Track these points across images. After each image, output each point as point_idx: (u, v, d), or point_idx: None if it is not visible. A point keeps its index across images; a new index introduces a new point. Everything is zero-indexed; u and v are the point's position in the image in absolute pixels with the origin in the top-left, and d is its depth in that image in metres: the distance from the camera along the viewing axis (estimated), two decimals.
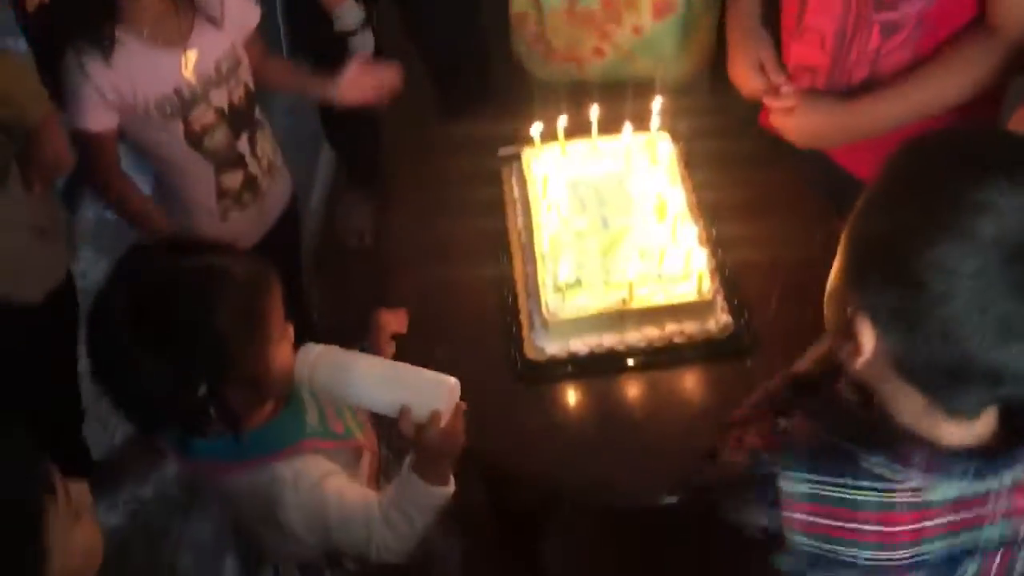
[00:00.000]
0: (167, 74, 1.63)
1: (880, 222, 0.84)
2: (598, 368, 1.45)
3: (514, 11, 1.96)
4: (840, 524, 0.90)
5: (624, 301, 1.45)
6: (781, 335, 1.42)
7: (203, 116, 1.69)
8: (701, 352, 1.46)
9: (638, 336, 1.46)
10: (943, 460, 0.87)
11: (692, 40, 1.91)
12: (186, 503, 2.14)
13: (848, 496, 0.89)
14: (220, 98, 1.70)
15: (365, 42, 1.95)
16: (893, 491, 0.88)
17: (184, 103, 1.66)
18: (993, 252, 0.76)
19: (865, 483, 0.88)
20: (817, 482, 0.90)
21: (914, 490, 0.88)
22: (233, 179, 1.79)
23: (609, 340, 1.45)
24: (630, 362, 1.45)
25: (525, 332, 1.49)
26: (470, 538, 1.64)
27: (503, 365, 1.47)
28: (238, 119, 1.75)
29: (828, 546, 0.92)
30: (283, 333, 1.19)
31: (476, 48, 2.38)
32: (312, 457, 1.24)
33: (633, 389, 1.46)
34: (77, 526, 0.89)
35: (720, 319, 1.47)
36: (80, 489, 0.91)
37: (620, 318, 1.45)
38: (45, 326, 1.75)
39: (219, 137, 1.73)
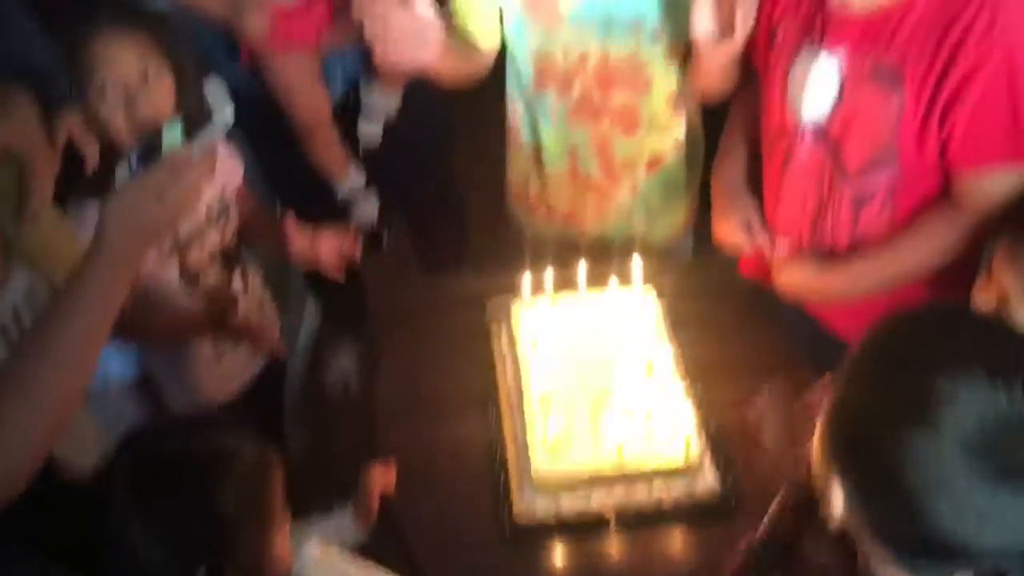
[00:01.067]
0: None
1: (854, 397, 0.90)
2: (586, 530, 1.45)
3: (513, 176, 2.04)
4: None
5: (613, 463, 1.46)
6: (768, 497, 1.43)
7: (197, 255, 1.72)
8: (687, 514, 1.46)
9: (625, 495, 1.46)
10: None
11: (680, 195, 1.99)
12: None
13: None
14: (212, 240, 1.74)
15: (368, 208, 2.04)
16: None
17: (179, 243, 1.69)
18: (954, 441, 0.81)
19: None
20: None
21: None
22: (228, 314, 1.80)
23: (597, 498, 1.46)
24: (616, 525, 1.45)
25: (514, 489, 1.48)
26: None
27: (490, 521, 1.46)
28: (230, 259, 1.79)
29: None
30: (283, 519, 1.19)
31: (454, 207, 2.45)
32: None
33: (619, 549, 1.45)
34: None
35: (707, 481, 1.48)
36: None
37: (609, 478, 1.46)
38: None
39: (212, 279, 1.76)
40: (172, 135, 1.38)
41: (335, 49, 2.05)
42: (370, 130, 2.14)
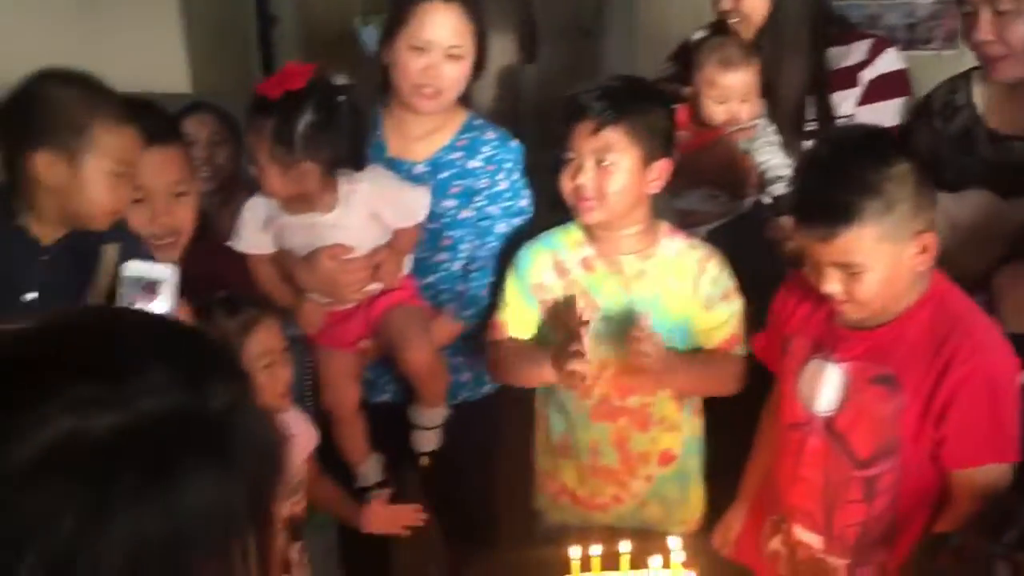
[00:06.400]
0: None
1: None
2: None
3: (541, 468, 2.22)
4: None
5: None
6: None
7: None
8: None
9: None
10: None
11: (691, 487, 2.18)
12: None
13: None
14: (284, 510, 1.88)
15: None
16: None
17: None
18: None
19: None
20: None
21: None
22: None
23: None
24: None
25: None
26: None
27: None
28: (295, 529, 1.93)
29: None
30: None
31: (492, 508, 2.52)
32: None
33: None
34: None
35: None
36: None
37: None
38: None
39: (278, 543, 1.86)
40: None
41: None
42: (425, 439, 2.28)
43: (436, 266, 2.26)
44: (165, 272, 1.40)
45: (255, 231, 2.09)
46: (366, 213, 2.06)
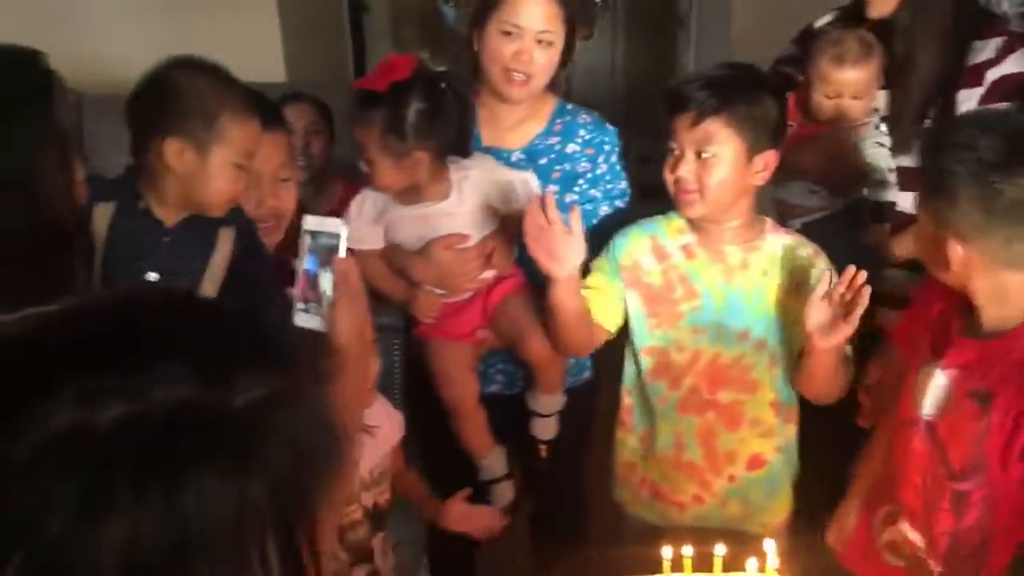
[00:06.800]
0: None
1: None
2: None
3: (623, 459, 2.18)
4: None
5: None
6: None
7: (352, 514, 1.87)
8: None
9: None
10: None
11: (778, 493, 2.13)
12: None
13: None
14: (368, 499, 1.90)
15: (505, 492, 2.17)
16: None
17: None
18: None
19: None
20: None
21: None
22: (360, 572, 1.92)
23: None
24: None
25: None
26: None
27: None
28: (378, 520, 1.94)
29: None
30: None
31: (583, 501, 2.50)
32: None
33: None
34: None
35: None
36: None
37: None
38: None
39: (360, 533, 1.90)
40: None
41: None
42: (543, 426, 2.25)
43: None
44: (339, 225, 1.35)
45: (365, 226, 2.09)
46: (478, 200, 2.06)
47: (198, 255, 1.63)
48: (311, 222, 1.37)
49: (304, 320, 1.35)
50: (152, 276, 1.63)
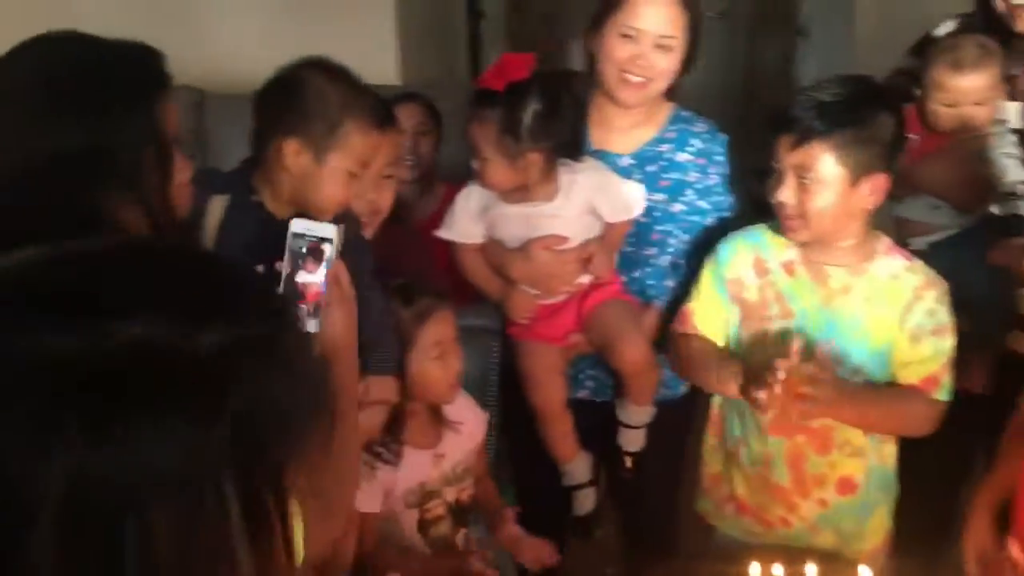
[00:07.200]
0: (419, 470, 1.87)
1: None
2: None
3: (709, 471, 2.14)
4: None
5: None
6: None
7: (434, 509, 1.89)
8: None
9: None
10: None
11: (871, 519, 2.04)
12: None
13: None
14: (451, 495, 1.92)
15: (587, 499, 2.18)
16: None
17: (425, 495, 1.87)
18: None
19: None
20: None
21: None
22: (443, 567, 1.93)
23: None
24: None
25: None
26: None
27: None
28: (461, 516, 1.95)
29: None
30: None
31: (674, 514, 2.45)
32: None
33: None
34: None
35: None
36: None
37: None
38: None
39: (443, 529, 1.91)
40: None
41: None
42: (631, 437, 2.23)
43: (644, 260, 2.20)
44: (328, 230, 1.42)
45: (468, 220, 2.11)
46: (583, 204, 2.05)
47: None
48: (299, 225, 1.42)
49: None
50: (259, 268, 1.62)
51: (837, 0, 4.35)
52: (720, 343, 2.03)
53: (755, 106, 5.27)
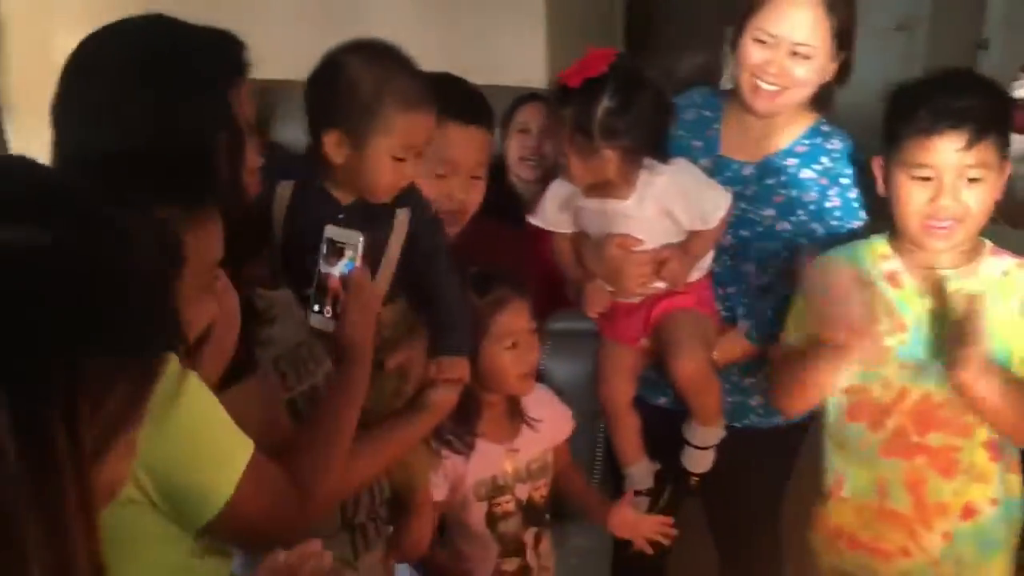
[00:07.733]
0: (491, 463, 1.89)
1: None
2: None
3: (815, 507, 2.03)
4: None
5: None
6: None
7: (504, 504, 1.90)
8: None
9: None
10: None
11: (994, 552, 1.90)
12: None
13: None
14: (523, 492, 1.92)
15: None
16: None
17: (495, 488, 1.89)
18: None
19: None
20: None
21: None
22: (511, 564, 1.95)
23: None
24: None
25: None
26: None
27: None
28: (532, 514, 1.95)
29: None
30: None
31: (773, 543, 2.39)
32: None
33: None
34: None
35: None
36: None
37: None
38: None
39: (512, 525, 1.92)
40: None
41: None
42: (694, 458, 2.17)
43: (741, 277, 2.13)
44: (354, 237, 1.53)
45: (554, 209, 2.11)
46: (659, 207, 2.00)
47: (372, 234, 1.63)
48: (332, 231, 1.53)
49: (316, 321, 1.54)
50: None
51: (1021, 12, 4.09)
52: None
53: (853, 108, 5.00)
